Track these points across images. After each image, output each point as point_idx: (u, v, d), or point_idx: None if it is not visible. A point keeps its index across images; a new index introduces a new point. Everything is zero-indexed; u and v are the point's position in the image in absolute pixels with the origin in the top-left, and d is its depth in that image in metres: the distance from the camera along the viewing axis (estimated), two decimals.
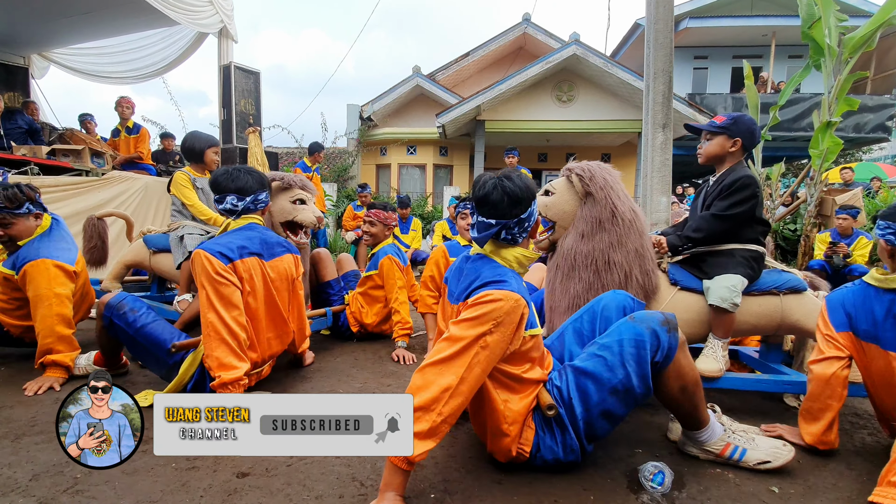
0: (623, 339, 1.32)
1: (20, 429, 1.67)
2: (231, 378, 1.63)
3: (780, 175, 6.16)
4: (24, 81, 6.91)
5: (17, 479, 1.35)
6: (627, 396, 1.32)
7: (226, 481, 1.35)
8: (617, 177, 1.94)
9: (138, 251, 3.06)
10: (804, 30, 4.93)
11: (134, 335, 1.84)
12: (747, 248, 1.91)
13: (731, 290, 1.81)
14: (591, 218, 1.87)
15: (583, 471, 1.44)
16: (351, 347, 2.80)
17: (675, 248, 1.99)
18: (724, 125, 1.97)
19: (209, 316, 1.67)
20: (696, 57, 13.11)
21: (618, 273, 1.84)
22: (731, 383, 1.87)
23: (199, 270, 1.69)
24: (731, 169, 1.97)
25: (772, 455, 1.44)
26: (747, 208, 1.88)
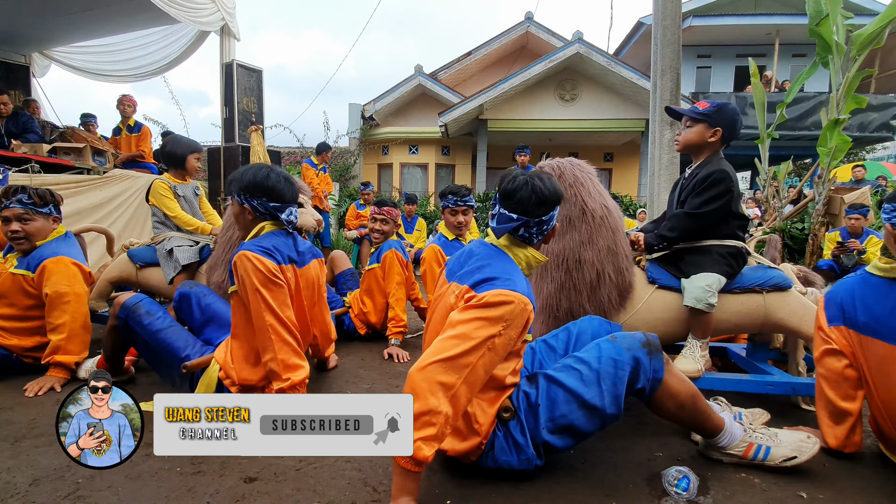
0: (602, 356, 1.29)
1: (20, 431, 1.62)
2: (300, 379, 1.58)
3: (787, 174, 6.12)
4: (25, 80, 6.87)
5: (16, 484, 1.30)
6: (595, 415, 1.27)
7: (233, 486, 1.30)
8: (590, 173, 1.91)
9: (123, 267, 2.87)
10: (812, 27, 4.87)
11: (148, 339, 1.77)
12: (724, 245, 1.84)
13: (705, 290, 1.75)
14: (561, 216, 1.84)
15: (603, 476, 1.39)
16: (357, 347, 2.76)
17: (651, 246, 1.93)
18: (706, 112, 1.88)
19: (268, 319, 1.57)
20: (699, 56, 13.05)
21: (589, 272, 1.80)
22: (710, 384, 1.82)
23: (251, 272, 1.56)
24: (707, 161, 1.90)
25: (797, 450, 1.39)
26: (721, 204, 1.80)
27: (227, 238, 2.35)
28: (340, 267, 3.25)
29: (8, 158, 3.93)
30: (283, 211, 1.74)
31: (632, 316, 1.88)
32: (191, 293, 2.04)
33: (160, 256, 2.75)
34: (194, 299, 2.02)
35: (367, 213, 6.62)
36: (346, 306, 2.95)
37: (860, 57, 4.87)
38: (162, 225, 2.86)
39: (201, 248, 2.79)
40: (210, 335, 1.95)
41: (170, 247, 2.70)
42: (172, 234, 2.82)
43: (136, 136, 5.88)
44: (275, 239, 1.72)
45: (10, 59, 6.71)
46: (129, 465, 1.38)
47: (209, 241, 2.82)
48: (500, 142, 12.33)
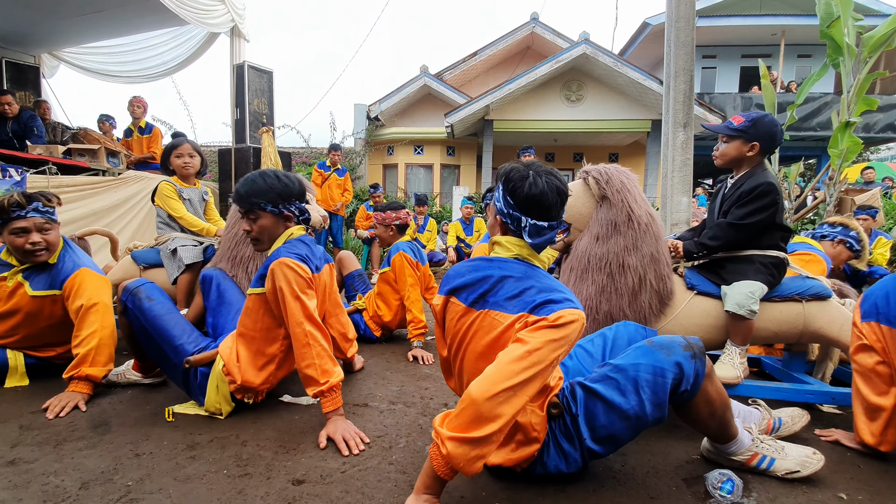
0: (640, 363, 1.24)
1: (60, 434, 1.64)
2: (336, 381, 1.61)
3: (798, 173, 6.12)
4: (35, 80, 6.88)
5: (66, 489, 1.31)
6: (638, 423, 1.24)
7: (282, 489, 1.31)
8: (634, 180, 1.92)
9: (127, 269, 2.86)
10: (822, 29, 4.87)
11: (146, 324, 1.76)
12: (767, 255, 1.87)
13: (748, 296, 1.77)
14: (606, 221, 1.85)
15: (645, 479, 1.40)
16: (381, 349, 2.77)
17: (690, 254, 1.95)
18: (740, 127, 1.90)
19: (307, 326, 1.59)
20: (704, 56, 13.05)
21: (632, 277, 1.82)
22: (749, 391, 1.84)
23: (293, 280, 1.60)
24: (751, 173, 1.92)
25: (801, 464, 1.39)
26: (766, 216, 1.83)
27: (232, 234, 2.35)
28: (348, 268, 3.24)
29: (24, 160, 3.94)
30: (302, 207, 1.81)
31: (671, 321, 1.90)
32: (213, 275, 2.13)
33: (164, 257, 2.74)
34: (214, 281, 2.10)
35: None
36: (358, 306, 2.96)
37: (871, 59, 4.88)
38: (166, 226, 2.84)
39: (205, 247, 2.78)
40: (220, 319, 2.00)
41: (173, 246, 2.69)
42: (176, 234, 2.81)
43: (147, 137, 5.90)
44: (303, 246, 1.75)
45: (20, 60, 6.72)
46: (177, 468, 1.41)
47: (213, 241, 2.82)
48: (505, 142, 12.33)
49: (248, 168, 5.86)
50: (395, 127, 12.28)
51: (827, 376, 1.99)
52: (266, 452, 1.52)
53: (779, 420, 1.62)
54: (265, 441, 1.60)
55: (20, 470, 1.40)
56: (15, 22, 5.92)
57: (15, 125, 4.78)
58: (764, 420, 1.59)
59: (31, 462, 1.45)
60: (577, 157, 13.34)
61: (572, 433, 1.29)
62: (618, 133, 11.27)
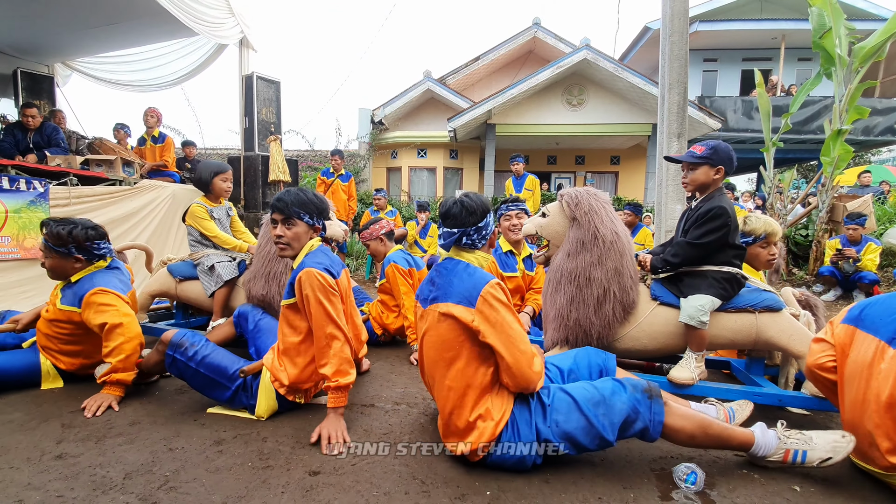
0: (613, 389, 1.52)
1: (100, 431, 1.83)
2: (346, 382, 1.77)
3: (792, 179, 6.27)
4: (49, 90, 7.09)
5: (111, 479, 1.50)
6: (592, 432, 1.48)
7: (301, 479, 1.50)
8: (604, 201, 2.15)
9: (164, 281, 3.07)
10: (815, 39, 5.03)
11: (197, 368, 1.94)
12: (720, 270, 2.06)
13: (699, 309, 1.97)
14: (575, 239, 2.10)
15: (621, 471, 1.58)
16: (385, 353, 2.95)
17: (656, 269, 2.16)
18: (705, 155, 2.09)
19: (329, 329, 1.78)
20: (705, 59, 13.18)
21: (596, 288, 2.05)
22: (703, 391, 2.04)
23: (317, 288, 1.78)
24: (710, 196, 2.12)
25: (832, 451, 1.50)
26: (719, 236, 2.02)
27: (265, 252, 2.57)
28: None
29: (46, 172, 4.14)
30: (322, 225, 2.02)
31: (635, 328, 2.11)
32: (248, 312, 2.42)
33: (200, 272, 2.94)
34: (250, 316, 2.40)
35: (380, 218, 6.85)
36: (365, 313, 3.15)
37: (863, 69, 5.03)
38: (198, 244, 3.04)
39: (238, 263, 3.00)
40: (259, 343, 2.25)
41: (210, 263, 2.88)
42: (210, 251, 3.01)
43: (161, 146, 6.12)
44: (325, 255, 1.95)
45: (34, 70, 6.94)
46: (207, 461, 1.60)
47: (245, 257, 3.02)
48: (507, 145, 12.49)
49: (257, 175, 6.07)
50: (399, 131, 12.47)
51: (790, 380, 2.16)
52: (284, 447, 1.70)
53: (731, 410, 1.82)
54: (283, 437, 1.78)
55: (68, 463, 1.59)
56: (31, 33, 6.13)
57: (37, 136, 5.00)
58: (721, 412, 1.77)
59: (77, 456, 1.64)
60: (579, 160, 13.50)
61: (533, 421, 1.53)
62: (619, 136, 11.41)
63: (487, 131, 11.07)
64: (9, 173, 3.66)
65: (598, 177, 13.53)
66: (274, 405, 1.95)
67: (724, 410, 1.80)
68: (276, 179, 6.07)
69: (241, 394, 1.95)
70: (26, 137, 4.98)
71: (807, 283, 5.49)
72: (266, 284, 2.49)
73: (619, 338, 2.11)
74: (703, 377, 2.05)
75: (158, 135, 6.13)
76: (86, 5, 5.41)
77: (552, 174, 13.66)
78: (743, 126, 12.06)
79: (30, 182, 3.78)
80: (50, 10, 5.50)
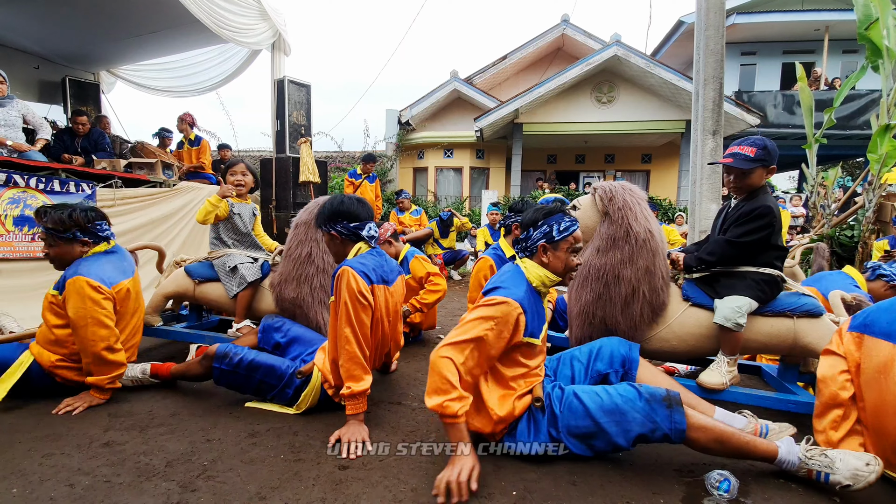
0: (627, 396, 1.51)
1: (143, 421, 1.92)
2: (360, 389, 1.75)
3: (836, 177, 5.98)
4: (95, 97, 7.47)
5: (154, 466, 1.58)
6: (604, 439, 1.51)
7: (330, 472, 1.54)
8: (639, 197, 2.07)
9: (180, 282, 2.92)
10: (860, 31, 4.77)
11: (247, 371, 1.99)
12: (760, 272, 1.97)
13: (735, 311, 1.88)
14: (606, 235, 2.04)
15: (650, 476, 1.55)
16: (413, 351, 2.99)
17: (690, 267, 2.08)
18: (759, 157, 1.95)
19: (346, 330, 1.78)
20: (743, 53, 12.71)
21: (625, 288, 1.99)
22: (734, 397, 1.96)
23: (345, 287, 1.78)
24: (754, 194, 2.01)
25: (853, 478, 1.41)
26: (762, 236, 1.93)
27: (296, 255, 2.52)
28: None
29: (93, 175, 4.37)
30: (362, 228, 1.99)
31: (664, 329, 2.04)
32: (274, 325, 2.39)
33: (221, 273, 2.82)
34: (278, 327, 2.38)
35: (404, 219, 6.93)
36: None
37: None
38: (218, 241, 2.94)
39: (261, 264, 2.90)
40: (295, 352, 2.23)
41: (232, 264, 2.78)
42: (230, 251, 2.91)
43: (196, 149, 6.36)
44: (371, 259, 1.96)
45: (82, 78, 7.32)
46: (242, 452, 1.66)
47: (267, 258, 2.96)
48: (535, 144, 12.39)
49: (288, 176, 6.22)
50: (426, 131, 12.54)
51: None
52: (315, 442, 1.75)
53: (766, 427, 1.73)
54: (314, 432, 1.83)
55: (115, 450, 1.68)
56: (78, 43, 6.48)
57: (85, 142, 5.28)
58: (750, 425, 1.71)
59: (123, 444, 1.73)
60: (609, 159, 13.25)
61: (546, 423, 1.58)
62: (651, 134, 11.14)
63: (514, 131, 11.00)
64: (59, 176, 3.87)
65: (628, 175, 13.24)
66: (315, 403, 2.00)
67: (756, 425, 1.72)
68: (305, 180, 6.21)
69: (287, 390, 2.00)
70: (74, 143, 5.27)
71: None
72: (297, 287, 2.48)
73: (646, 338, 2.06)
74: (736, 382, 1.98)
75: (194, 138, 6.38)
76: (129, 16, 5.68)
77: (580, 173, 13.46)
78: (784, 122, 11.56)
79: (78, 184, 3.99)
80: (96, 21, 5.80)
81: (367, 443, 1.72)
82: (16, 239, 3.53)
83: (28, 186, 3.60)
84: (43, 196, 3.71)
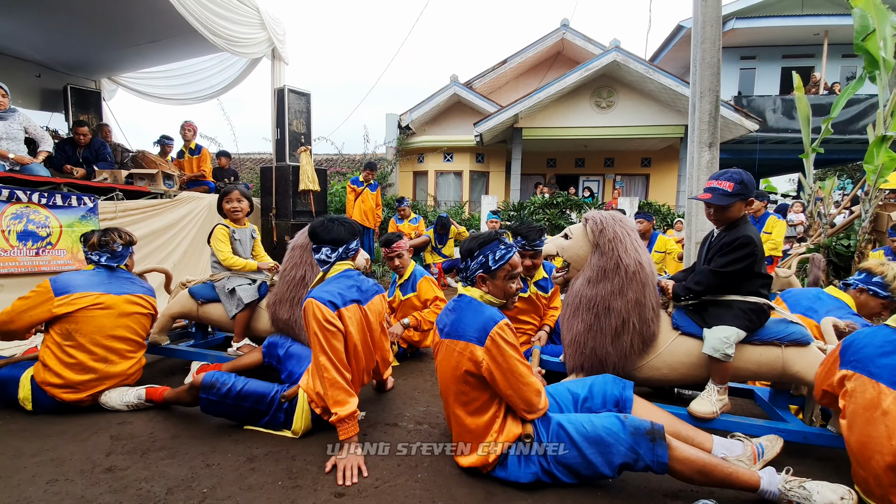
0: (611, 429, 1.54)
1: (144, 444, 1.96)
2: (346, 413, 1.79)
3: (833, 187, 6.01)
4: (97, 104, 7.51)
5: (155, 493, 1.62)
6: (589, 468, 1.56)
7: (326, 500, 1.58)
8: (629, 228, 2.10)
9: (185, 303, 3.07)
10: (857, 42, 4.81)
11: (234, 401, 2.02)
12: (747, 301, 1.99)
13: (723, 341, 1.91)
14: (597, 266, 2.07)
15: (639, 500, 1.59)
16: (409, 369, 3.03)
17: (678, 296, 2.12)
18: (737, 192, 1.98)
19: (321, 359, 1.84)
20: (742, 57, 12.72)
21: (615, 319, 2.02)
22: (724, 425, 1.98)
23: (311, 318, 1.85)
24: (734, 224, 2.04)
25: None
26: (745, 266, 1.96)
27: (290, 277, 2.56)
28: None
29: (94, 188, 4.41)
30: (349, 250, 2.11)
31: (655, 358, 2.07)
32: (278, 341, 2.48)
33: (221, 295, 2.94)
34: (280, 344, 2.45)
35: (403, 227, 6.96)
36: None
37: None
38: (219, 265, 3.03)
39: (259, 285, 3.00)
40: (291, 367, 2.31)
41: (231, 286, 2.88)
42: (230, 273, 3.01)
43: (197, 157, 6.40)
44: (336, 284, 2.00)
45: (83, 86, 7.36)
46: (241, 478, 1.70)
47: (266, 279, 3.05)
48: (534, 149, 12.42)
49: (288, 184, 6.26)
50: (426, 135, 12.58)
51: (816, 416, 2.08)
52: (312, 467, 1.79)
53: (760, 446, 1.77)
54: (311, 456, 1.87)
55: (117, 476, 1.73)
56: (80, 51, 6.53)
57: (86, 152, 5.32)
58: (748, 448, 1.74)
59: (125, 469, 1.77)
60: (609, 163, 13.27)
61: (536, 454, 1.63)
62: (650, 139, 11.17)
63: (514, 135, 11.03)
64: (61, 190, 3.92)
65: (627, 179, 13.27)
66: (309, 424, 2.04)
67: (752, 447, 1.76)
68: (305, 189, 6.25)
69: (279, 414, 2.04)
70: (76, 153, 5.32)
71: None
72: (290, 309, 2.52)
73: (637, 367, 2.09)
74: (727, 409, 2.00)
75: (195, 147, 6.42)
76: (129, 26, 5.73)
77: (580, 177, 13.48)
78: (783, 126, 11.57)
79: (80, 198, 4.04)
80: (97, 30, 5.85)
81: (363, 468, 1.75)
82: (20, 254, 3.57)
83: (31, 202, 3.64)
84: (45, 210, 3.76)
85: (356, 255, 2.18)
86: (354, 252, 2.16)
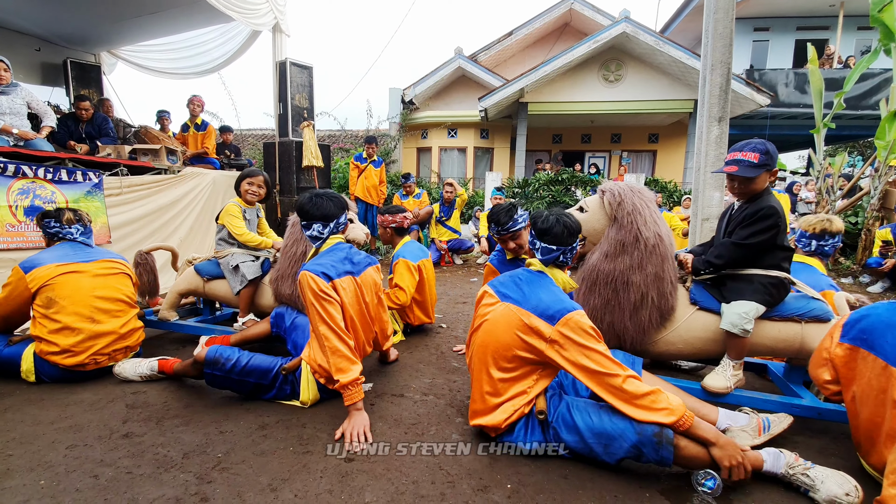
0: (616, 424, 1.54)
1: (159, 412, 2.03)
2: (349, 380, 1.84)
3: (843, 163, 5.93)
4: (97, 79, 7.42)
5: (171, 458, 1.68)
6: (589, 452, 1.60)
7: (337, 465, 1.63)
8: (649, 200, 2.06)
9: (191, 280, 3.12)
10: (874, 13, 4.67)
11: (238, 376, 2.05)
12: (767, 275, 1.96)
13: (742, 316, 1.89)
14: (615, 240, 2.03)
15: (638, 471, 1.63)
16: (414, 342, 3.07)
17: (698, 270, 2.09)
18: (762, 163, 1.93)
19: (321, 328, 1.89)
20: (756, 29, 12.36)
21: (634, 294, 2.00)
22: (737, 399, 1.98)
23: (307, 289, 1.91)
24: (757, 195, 2.00)
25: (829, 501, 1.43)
26: (767, 237, 1.93)
27: (291, 253, 2.61)
28: None
29: (99, 164, 4.41)
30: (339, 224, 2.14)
31: (671, 333, 2.06)
32: (284, 312, 2.54)
33: (226, 271, 2.99)
34: (286, 315, 2.51)
35: (407, 203, 6.93)
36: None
37: None
38: (224, 241, 3.09)
39: (262, 262, 3.04)
40: (296, 338, 2.38)
41: (235, 263, 2.93)
42: (234, 250, 3.05)
43: (202, 133, 6.36)
44: (328, 257, 2.05)
45: (83, 59, 7.27)
46: (253, 444, 1.76)
47: (269, 255, 3.08)
48: (540, 124, 12.25)
49: (291, 160, 6.23)
50: (430, 110, 12.40)
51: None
52: (322, 434, 1.85)
53: (767, 420, 1.80)
54: (320, 424, 1.93)
55: (134, 442, 1.79)
56: (78, 24, 6.42)
57: (89, 127, 5.30)
58: (753, 420, 1.78)
59: (142, 435, 1.83)
60: (615, 139, 13.09)
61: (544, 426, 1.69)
62: (658, 114, 10.97)
63: (519, 110, 10.86)
64: (66, 166, 3.92)
65: (634, 156, 13.11)
66: (316, 395, 2.09)
67: (758, 419, 1.79)
68: (309, 164, 6.22)
69: (285, 387, 2.10)
70: (78, 128, 5.29)
71: (853, 274, 5.24)
72: (292, 284, 2.56)
73: (653, 342, 2.08)
74: (741, 385, 2.00)
75: (201, 122, 6.37)
76: None
77: (586, 153, 13.33)
78: (795, 101, 11.33)
79: (85, 173, 4.04)
80: (96, 1, 5.74)
81: (367, 433, 1.81)
82: (27, 229, 3.60)
83: (36, 177, 3.65)
84: (51, 186, 3.77)
85: (345, 228, 2.21)
86: (344, 226, 2.18)
